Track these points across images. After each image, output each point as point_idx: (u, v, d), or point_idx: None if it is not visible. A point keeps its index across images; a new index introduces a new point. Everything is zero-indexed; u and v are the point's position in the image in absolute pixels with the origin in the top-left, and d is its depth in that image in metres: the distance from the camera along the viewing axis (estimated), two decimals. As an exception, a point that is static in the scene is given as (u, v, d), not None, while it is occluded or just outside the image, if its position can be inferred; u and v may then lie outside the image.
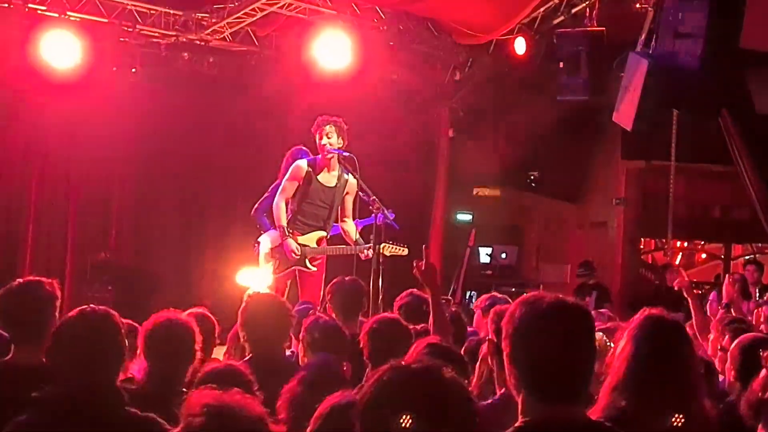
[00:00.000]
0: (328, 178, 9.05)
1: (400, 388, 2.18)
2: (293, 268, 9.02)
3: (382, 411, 2.17)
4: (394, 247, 8.74)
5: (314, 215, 9.08)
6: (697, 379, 3.51)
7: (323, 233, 9.09)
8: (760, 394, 3.76)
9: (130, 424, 3.59)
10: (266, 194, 9.56)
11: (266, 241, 9.19)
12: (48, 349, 3.79)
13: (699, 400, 3.44)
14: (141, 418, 3.64)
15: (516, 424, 2.70)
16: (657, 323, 3.52)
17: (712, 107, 8.49)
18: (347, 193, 9.09)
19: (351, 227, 9.16)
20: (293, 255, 8.92)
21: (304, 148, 9.45)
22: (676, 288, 7.60)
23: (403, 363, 2.29)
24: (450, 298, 11.33)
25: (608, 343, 4.92)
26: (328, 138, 8.88)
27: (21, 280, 4.69)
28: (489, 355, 5.03)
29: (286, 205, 9.04)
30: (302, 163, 9.04)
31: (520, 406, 2.72)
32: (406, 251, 8.78)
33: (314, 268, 9.04)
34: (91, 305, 3.85)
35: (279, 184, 9.18)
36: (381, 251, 8.44)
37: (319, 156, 9.02)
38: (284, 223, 8.94)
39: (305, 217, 9.08)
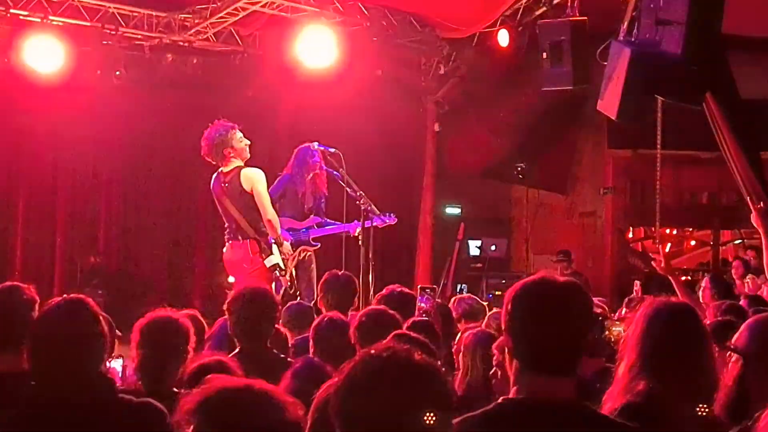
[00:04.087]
0: None
1: (372, 374, 2.21)
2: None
3: (355, 398, 2.20)
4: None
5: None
6: (717, 367, 3.44)
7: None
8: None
9: (126, 410, 3.49)
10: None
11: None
12: (29, 348, 3.57)
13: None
14: (137, 404, 3.55)
15: (509, 396, 2.87)
16: (670, 308, 3.53)
17: (696, 93, 8.48)
18: None
19: None
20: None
21: (311, 146, 9.47)
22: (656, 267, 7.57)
23: (372, 351, 2.32)
24: (435, 287, 11.39)
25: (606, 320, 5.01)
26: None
27: None
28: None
29: None
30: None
31: (512, 376, 2.90)
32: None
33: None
34: (64, 296, 3.68)
35: (287, 176, 9.44)
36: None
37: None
38: None
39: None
